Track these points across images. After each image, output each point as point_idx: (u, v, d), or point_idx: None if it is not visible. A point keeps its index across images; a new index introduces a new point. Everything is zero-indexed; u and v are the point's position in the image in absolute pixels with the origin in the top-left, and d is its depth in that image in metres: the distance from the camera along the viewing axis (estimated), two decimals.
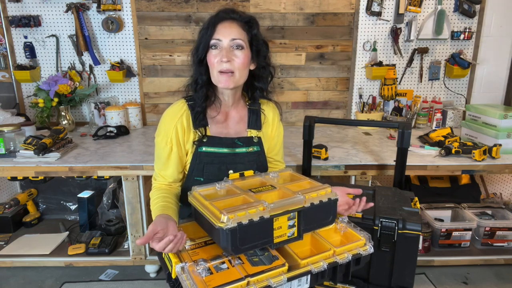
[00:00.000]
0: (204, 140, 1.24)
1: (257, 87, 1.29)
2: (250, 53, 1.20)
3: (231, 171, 1.25)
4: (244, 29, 1.18)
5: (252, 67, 1.24)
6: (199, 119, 1.23)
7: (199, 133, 1.24)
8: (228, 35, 1.15)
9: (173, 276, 0.96)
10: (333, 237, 1.16)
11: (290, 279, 0.95)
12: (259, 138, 1.31)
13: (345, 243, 1.11)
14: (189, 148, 1.25)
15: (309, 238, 1.13)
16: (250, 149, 1.29)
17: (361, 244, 1.09)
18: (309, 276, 0.98)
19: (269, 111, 1.35)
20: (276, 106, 1.38)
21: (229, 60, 1.14)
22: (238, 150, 1.27)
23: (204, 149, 1.24)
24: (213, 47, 1.17)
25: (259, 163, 1.31)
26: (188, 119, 1.23)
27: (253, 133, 1.31)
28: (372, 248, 1.08)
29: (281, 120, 1.42)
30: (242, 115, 1.31)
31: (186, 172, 1.29)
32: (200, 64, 1.21)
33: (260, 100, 1.34)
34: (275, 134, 1.38)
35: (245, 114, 1.31)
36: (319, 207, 1.02)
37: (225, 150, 1.25)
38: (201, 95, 1.23)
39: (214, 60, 1.16)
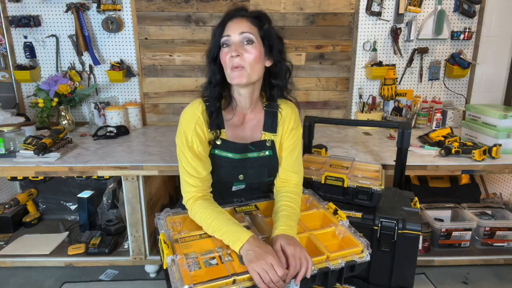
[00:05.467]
0: (218, 143, 1.22)
1: (274, 84, 1.25)
2: (262, 49, 1.17)
3: (241, 176, 1.25)
4: (254, 24, 1.16)
5: (268, 63, 1.21)
6: (212, 119, 1.20)
7: (214, 135, 1.21)
8: (237, 30, 1.14)
9: (164, 266, 0.97)
10: (330, 241, 1.15)
11: None
12: (272, 142, 1.27)
13: (343, 248, 1.10)
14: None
15: (305, 240, 1.13)
16: (262, 153, 1.26)
17: (358, 251, 1.07)
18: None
19: (287, 110, 1.29)
20: (294, 106, 1.32)
21: (238, 55, 1.12)
22: (249, 155, 1.25)
23: (216, 152, 1.22)
24: (224, 46, 1.16)
25: (271, 167, 1.28)
26: (206, 119, 1.20)
27: (267, 136, 1.27)
28: (369, 256, 1.06)
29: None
30: (259, 118, 1.28)
31: None
32: (214, 63, 1.20)
33: (279, 100, 1.29)
34: (289, 135, 1.29)
35: (262, 116, 1.28)
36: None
37: (237, 156, 1.23)
38: (214, 94, 1.20)
39: (226, 57, 1.14)
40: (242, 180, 1.26)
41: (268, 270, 0.93)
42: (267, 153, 1.27)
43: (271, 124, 1.27)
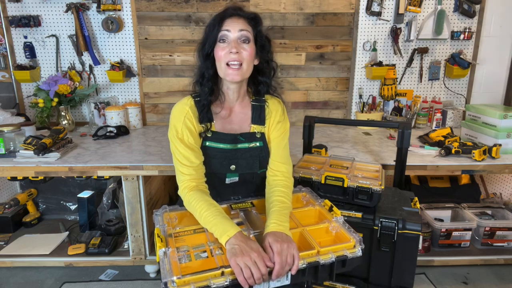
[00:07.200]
0: (209, 135, 1.26)
1: (261, 81, 1.31)
2: (255, 48, 1.23)
3: (233, 166, 1.28)
4: (250, 25, 1.22)
5: (256, 62, 1.27)
6: (204, 113, 1.25)
7: (204, 127, 1.26)
8: (236, 26, 1.19)
9: (157, 260, 1.00)
10: (323, 237, 1.16)
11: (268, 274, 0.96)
12: (262, 133, 1.32)
13: (336, 243, 1.10)
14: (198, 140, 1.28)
15: (298, 236, 1.13)
16: (252, 144, 1.30)
17: (350, 246, 1.07)
18: (289, 273, 0.99)
19: (273, 105, 1.34)
20: (281, 101, 1.37)
21: (238, 52, 1.17)
22: (240, 145, 1.29)
23: (208, 143, 1.27)
24: (221, 41, 1.20)
25: (262, 158, 1.32)
26: (195, 113, 1.25)
27: (256, 128, 1.31)
28: (361, 251, 1.06)
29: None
30: (246, 111, 1.33)
31: None
32: (207, 58, 1.24)
33: (266, 96, 1.34)
34: (276, 127, 1.33)
35: (249, 110, 1.33)
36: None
37: (228, 146, 1.27)
38: (207, 89, 1.25)
39: (222, 52, 1.18)
40: (234, 171, 1.29)
41: (250, 266, 0.94)
42: (257, 144, 1.30)
43: (259, 117, 1.32)
